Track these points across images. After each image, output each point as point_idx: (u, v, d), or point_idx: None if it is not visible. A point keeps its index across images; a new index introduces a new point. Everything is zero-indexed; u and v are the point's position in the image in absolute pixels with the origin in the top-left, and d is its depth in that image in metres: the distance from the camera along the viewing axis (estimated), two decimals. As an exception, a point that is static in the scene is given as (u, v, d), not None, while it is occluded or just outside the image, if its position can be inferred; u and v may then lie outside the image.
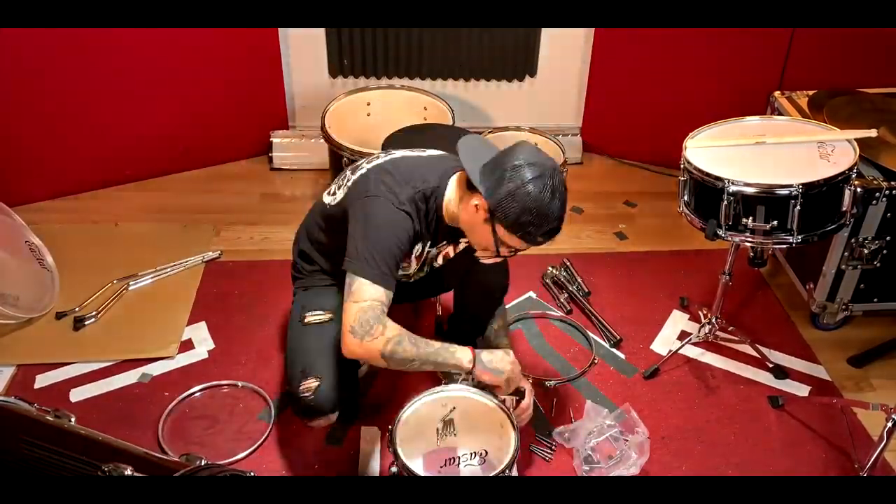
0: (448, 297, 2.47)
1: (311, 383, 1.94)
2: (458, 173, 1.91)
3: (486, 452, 1.99)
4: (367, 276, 1.79)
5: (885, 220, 2.38)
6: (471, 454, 2.01)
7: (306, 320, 2.06)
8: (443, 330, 2.54)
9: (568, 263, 2.85)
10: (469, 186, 1.82)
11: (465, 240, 2.01)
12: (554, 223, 1.77)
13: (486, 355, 1.90)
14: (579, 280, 2.79)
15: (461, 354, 1.87)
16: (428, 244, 2.00)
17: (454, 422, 2.03)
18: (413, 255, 1.98)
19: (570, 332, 2.63)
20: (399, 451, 1.80)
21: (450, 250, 2.12)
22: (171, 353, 2.48)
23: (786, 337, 2.63)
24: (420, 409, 1.94)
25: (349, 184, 1.97)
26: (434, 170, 1.93)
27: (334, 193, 2.02)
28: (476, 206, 1.80)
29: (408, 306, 2.61)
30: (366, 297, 1.78)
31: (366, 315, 1.77)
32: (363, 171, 1.96)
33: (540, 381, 2.42)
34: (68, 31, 2.81)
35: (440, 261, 2.13)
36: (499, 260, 1.96)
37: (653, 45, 3.18)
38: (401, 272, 2.02)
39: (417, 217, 1.88)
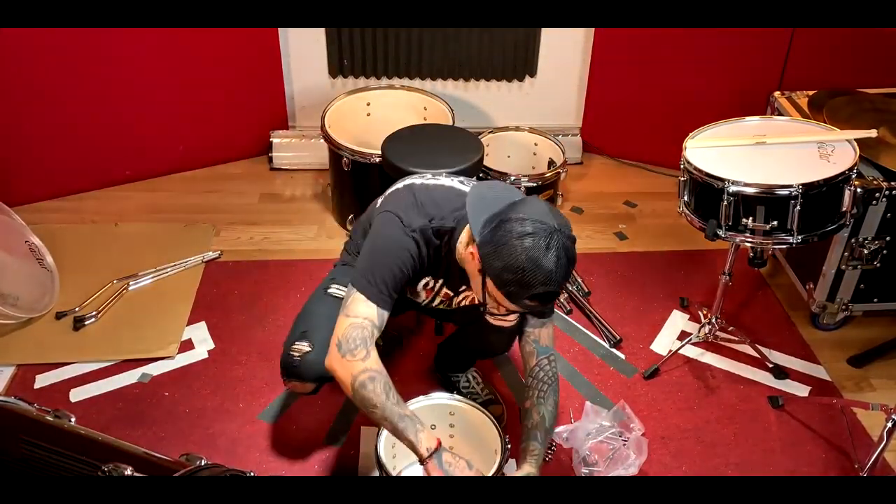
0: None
1: (304, 347, 1.94)
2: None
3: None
4: (365, 292, 1.76)
5: (884, 221, 2.38)
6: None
7: (329, 290, 2.04)
8: (442, 332, 2.54)
9: None
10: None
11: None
12: (541, 287, 1.60)
13: (447, 457, 1.74)
14: (579, 280, 2.79)
15: (423, 439, 1.72)
16: (440, 281, 1.93)
17: (459, 434, 2.04)
18: (421, 287, 1.93)
19: (570, 332, 2.63)
20: (383, 458, 1.82)
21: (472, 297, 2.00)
22: (171, 353, 2.48)
23: (786, 337, 2.63)
24: (423, 411, 1.95)
25: (387, 192, 1.95)
26: (456, 209, 1.82)
27: (384, 195, 1.97)
28: (472, 253, 1.71)
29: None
30: (359, 313, 1.75)
31: (353, 332, 1.73)
32: (401, 184, 1.93)
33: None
34: (68, 30, 2.81)
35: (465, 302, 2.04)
36: (509, 324, 1.86)
37: (653, 45, 3.18)
38: (412, 298, 1.99)
39: (426, 247, 1.81)
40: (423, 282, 1.91)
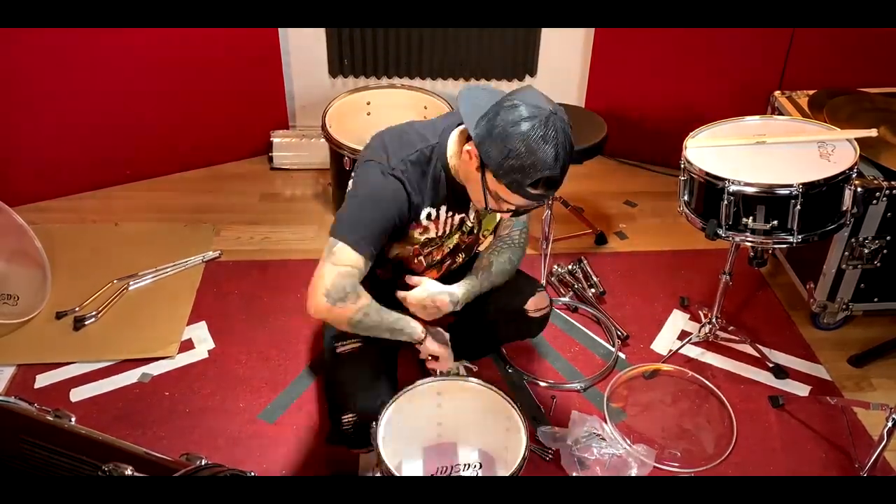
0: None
1: (350, 418, 1.90)
2: (459, 127, 1.82)
3: (485, 459, 1.98)
4: (349, 241, 1.74)
5: (885, 220, 2.38)
6: (470, 465, 2.01)
7: (338, 350, 2.01)
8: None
9: (585, 262, 2.83)
10: (468, 136, 1.71)
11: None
12: (546, 171, 1.60)
13: (432, 331, 1.94)
14: (595, 279, 2.77)
15: (415, 325, 1.89)
16: (443, 208, 1.88)
17: (452, 414, 2.02)
18: (425, 219, 1.87)
19: (570, 332, 2.63)
20: (382, 453, 1.79)
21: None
22: (171, 352, 2.48)
23: (786, 337, 2.63)
24: (411, 398, 1.94)
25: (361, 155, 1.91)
26: (436, 128, 1.84)
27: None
28: (468, 151, 1.69)
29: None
30: (345, 261, 1.75)
31: (343, 281, 1.74)
32: (371, 140, 1.91)
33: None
34: (68, 30, 2.82)
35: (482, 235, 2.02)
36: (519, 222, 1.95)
37: (653, 44, 3.18)
38: (423, 237, 1.92)
39: (414, 179, 1.79)
40: (426, 213, 1.86)
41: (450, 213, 1.91)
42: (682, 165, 2.19)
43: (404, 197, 1.78)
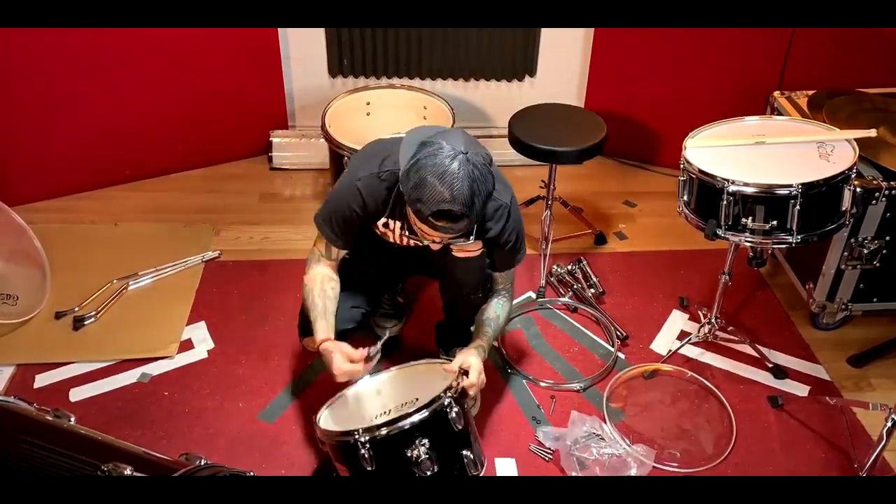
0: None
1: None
2: None
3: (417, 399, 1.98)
4: (319, 229, 2.09)
5: (884, 220, 2.38)
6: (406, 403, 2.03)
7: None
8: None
9: (584, 263, 2.83)
10: None
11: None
12: (443, 205, 1.69)
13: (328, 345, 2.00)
14: (595, 279, 2.77)
15: (320, 334, 2.01)
16: (398, 223, 2.02)
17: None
18: (382, 227, 2.05)
19: (569, 332, 2.63)
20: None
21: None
22: (170, 352, 2.48)
23: (785, 337, 2.63)
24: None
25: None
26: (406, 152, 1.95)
27: None
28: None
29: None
30: (315, 244, 2.12)
31: (309, 257, 2.13)
32: (366, 145, 2.13)
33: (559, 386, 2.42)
34: (68, 31, 2.81)
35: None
36: (471, 254, 2.03)
37: (653, 45, 3.18)
38: (385, 238, 2.11)
39: (377, 193, 1.97)
40: (382, 221, 2.04)
41: (404, 231, 2.04)
42: (682, 165, 2.19)
43: (359, 203, 1.99)
